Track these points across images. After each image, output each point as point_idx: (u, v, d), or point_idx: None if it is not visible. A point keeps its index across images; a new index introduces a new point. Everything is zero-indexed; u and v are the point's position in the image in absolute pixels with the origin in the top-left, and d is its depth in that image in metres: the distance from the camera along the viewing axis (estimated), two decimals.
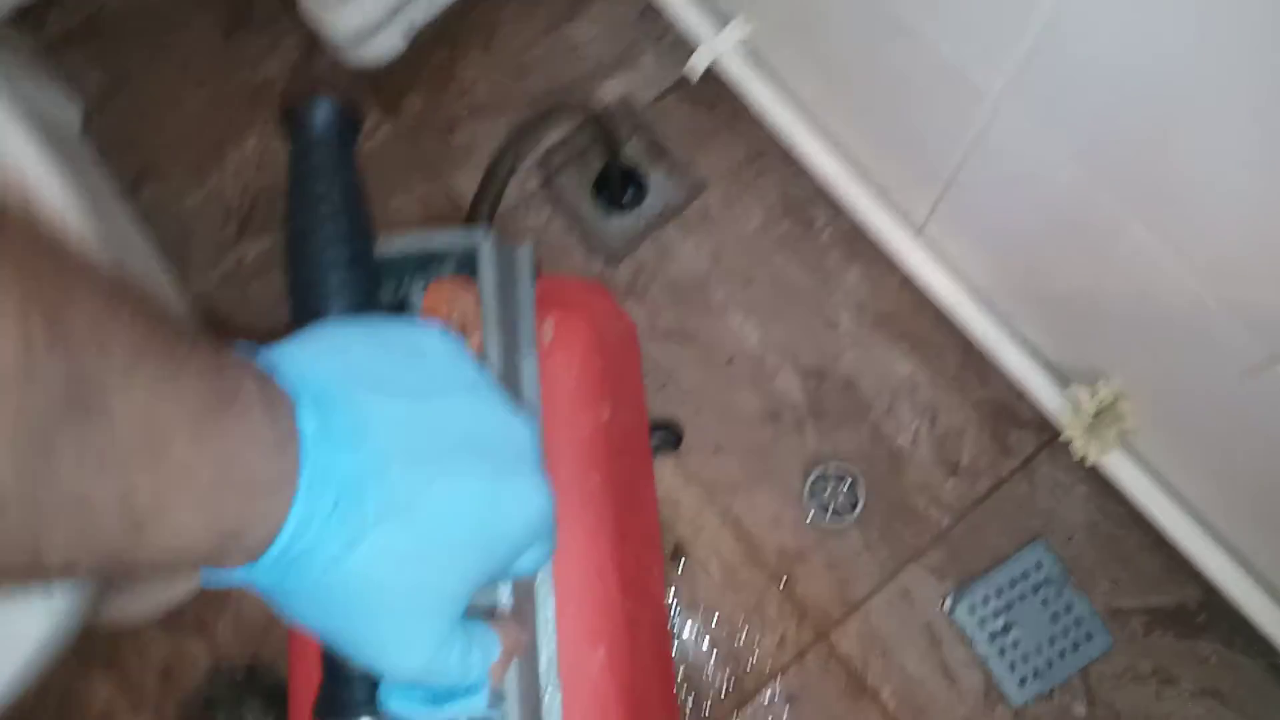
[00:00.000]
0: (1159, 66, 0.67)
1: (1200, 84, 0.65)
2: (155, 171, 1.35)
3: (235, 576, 0.32)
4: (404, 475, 0.33)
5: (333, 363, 0.34)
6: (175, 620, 1.22)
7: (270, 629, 1.22)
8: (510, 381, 0.63)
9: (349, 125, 0.45)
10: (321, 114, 0.45)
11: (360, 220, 0.45)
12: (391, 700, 0.38)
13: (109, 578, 0.28)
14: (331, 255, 0.43)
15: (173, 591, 1.20)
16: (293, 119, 0.45)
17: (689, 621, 1.19)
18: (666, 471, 1.22)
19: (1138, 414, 1.00)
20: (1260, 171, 0.66)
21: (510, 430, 0.39)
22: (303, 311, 0.43)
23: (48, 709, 1.21)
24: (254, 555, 0.30)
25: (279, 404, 0.31)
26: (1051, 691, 1.13)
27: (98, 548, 0.26)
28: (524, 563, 0.40)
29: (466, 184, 1.31)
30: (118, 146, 1.34)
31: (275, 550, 0.30)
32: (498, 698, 0.40)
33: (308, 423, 0.31)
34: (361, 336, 0.36)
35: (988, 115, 0.83)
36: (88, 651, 1.22)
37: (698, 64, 1.17)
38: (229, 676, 1.21)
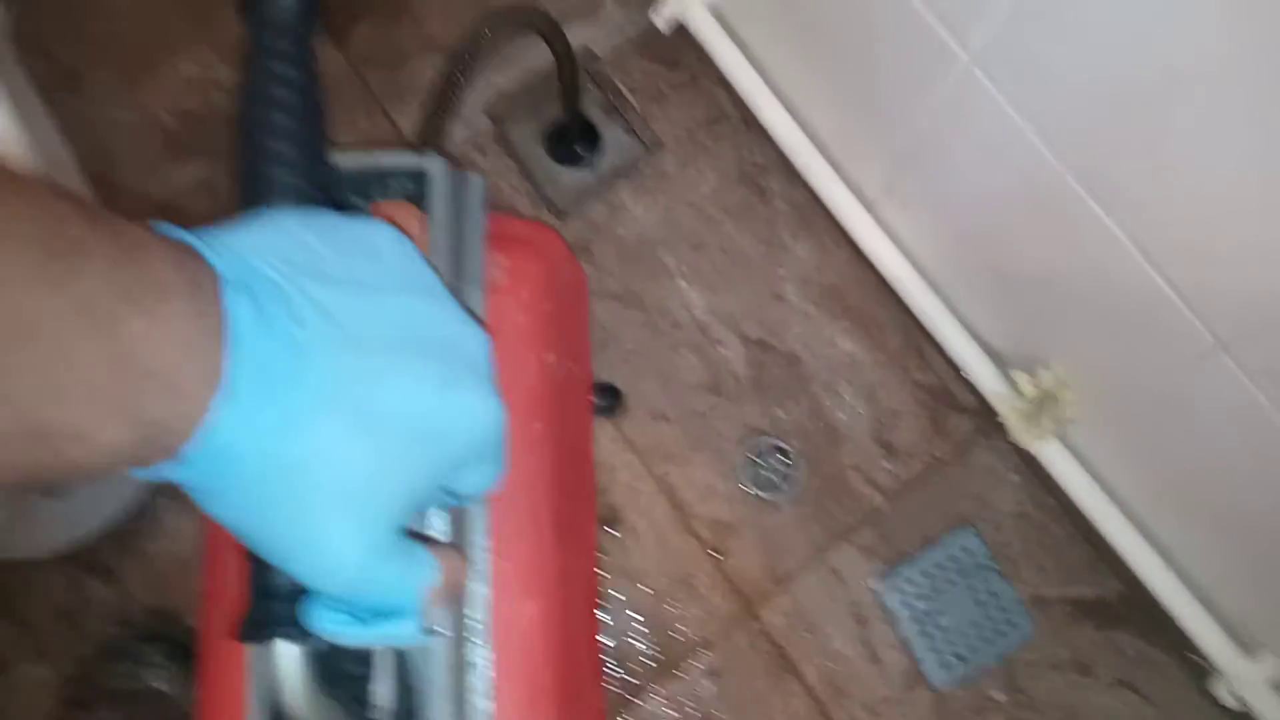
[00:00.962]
0: (1138, 47, 0.66)
1: (1177, 69, 0.65)
2: (79, 80, 1.27)
3: (163, 472, 0.29)
4: (346, 366, 0.30)
5: (273, 247, 0.31)
6: (79, 563, 1.15)
7: (180, 577, 1.17)
8: None
9: (310, 10, 0.42)
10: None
11: (316, 115, 0.42)
12: (316, 615, 0.35)
13: (32, 489, 0.25)
14: (284, 148, 0.40)
15: (76, 530, 1.14)
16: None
17: (617, 588, 1.16)
18: (604, 435, 1.19)
19: (1077, 403, 1.00)
20: (1227, 158, 0.65)
21: (465, 338, 0.36)
22: (247, 205, 0.39)
23: None
24: (172, 453, 0.28)
25: (204, 289, 0.28)
26: (972, 676, 1.14)
27: (13, 468, 0.24)
28: (470, 481, 0.38)
29: (411, 120, 1.26)
30: (44, 53, 1.26)
31: (200, 445, 0.28)
32: (429, 627, 0.37)
33: (240, 308, 0.28)
34: (309, 226, 0.33)
35: (959, 80, 0.82)
36: None
37: (665, 13, 1.14)
38: (134, 625, 1.16)
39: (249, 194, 0.40)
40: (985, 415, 1.19)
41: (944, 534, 1.18)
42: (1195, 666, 1.07)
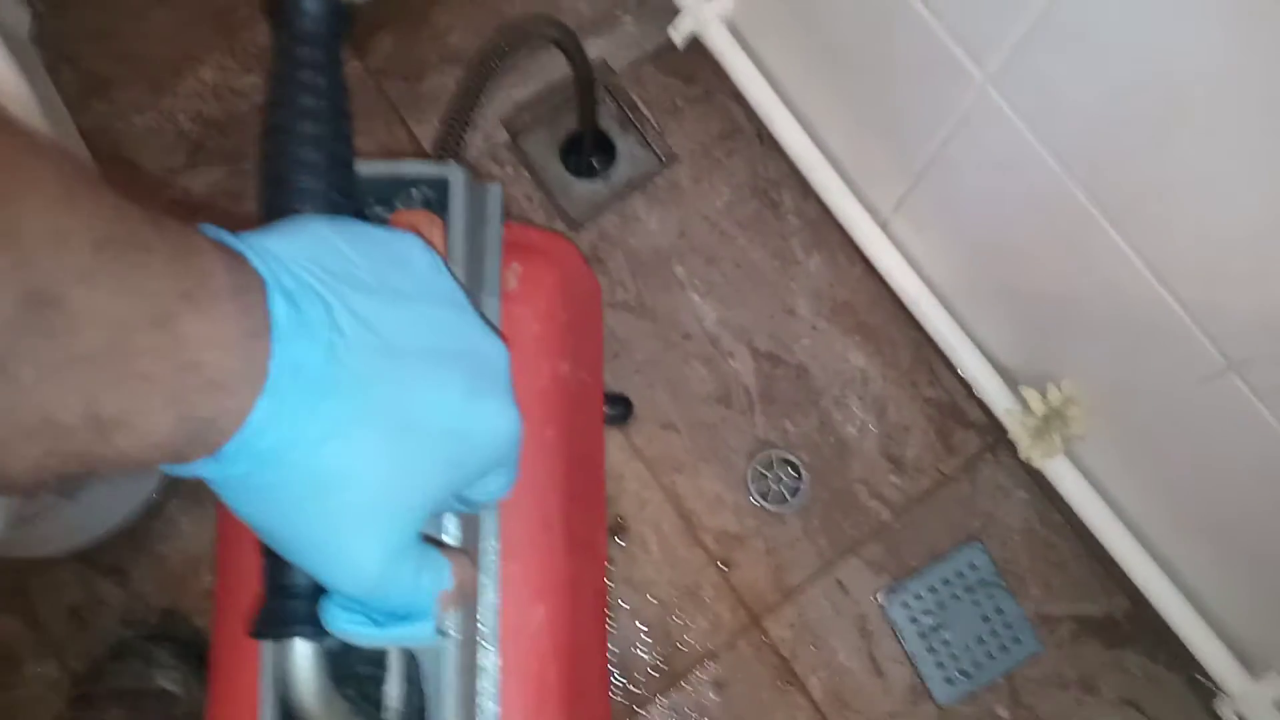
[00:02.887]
0: (1152, 67, 0.67)
1: (1191, 91, 0.65)
2: (105, 87, 1.29)
3: (194, 468, 0.30)
4: (379, 374, 0.31)
5: (311, 254, 0.32)
6: (91, 562, 1.17)
7: (190, 578, 1.18)
8: None
9: (339, 19, 0.43)
10: (311, 4, 0.42)
11: (342, 122, 0.42)
12: (333, 617, 0.36)
13: (58, 484, 0.26)
14: (309, 155, 0.41)
15: (88, 530, 1.15)
16: (280, 7, 0.43)
17: (624, 597, 1.17)
18: (613, 445, 1.20)
19: (1086, 420, 1.01)
20: (1238, 180, 0.66)
21: (486, 349, 0.37)
22: (273, 211, 0.40)
23: None
24: (214, 450, 0.29)
25: (250, 292, 0.29)
26: (977, 692, 1.14)
27: (63, 457, 0.25)
28: (484, 488, 0.39)
29: (430, 132, 1.27)
30: (67, 58, 1.28)
31: (238, 444, 0.29)
32: (442, 629, 0.38)
33: (280, 313, 0.29)
34: (341, 234, 0.34)
35: (972, 101, 0.82)
36: None
37: (681, 28, 1.15)
38: (143, 624, 1.16)
39: (277, 200, 0.41)
40: (994, 431, 1.20)
41: (951, 549, 1.18)
42: (1201, 687, 1.07)
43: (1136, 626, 1.15)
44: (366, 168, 0.62)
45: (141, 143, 1.27)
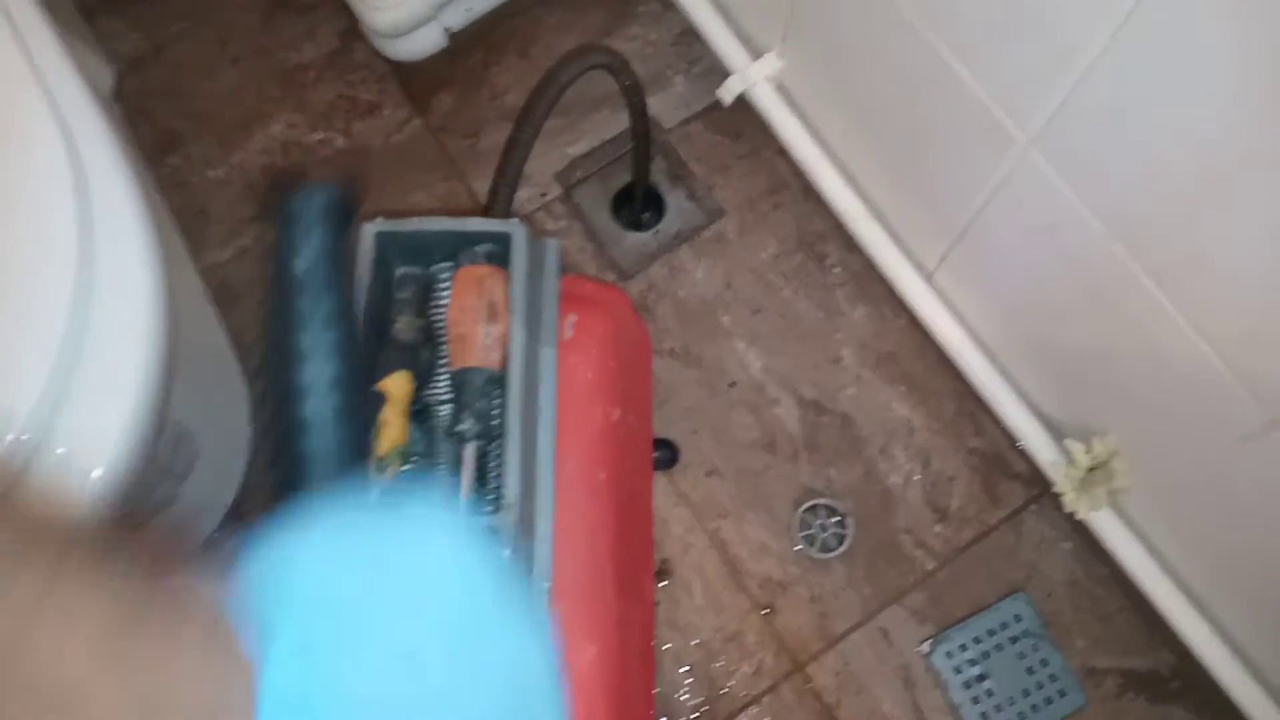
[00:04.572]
0: (1194, 128, 0.69)
1: (1234, 151, 0.67)
2: (179, 142, 1.36)
3: None
4: None
5: (305, 599, 0.32)
6: None
7: None
8: (529, 370, 0.64)
9: (343, 214, 0.44)
10: (314, 202, 0.43)
11: (350, 343, 0.42)
12: None
13: None
14: (319, 408, 0.41)
15: None
16: (282, 202, 0.43)
17: (667, 642, 1.18)
18: (659, 489, 1.22)
19: (1131, 473, 1.01)
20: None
21: (528, 665, 0.36)
22: (288, 479, 0.41)
23: None
24: None
25: (245, 673, 0.30)
26: None
27: None
28: None
29: (487, 188, 1.32)
30: (145, 114, 1.35)
31: None
32: None
33: (272, 674, 0.30)
34: (347, 556, 0.34)
35: (1013, 163, 0.85)
36: None
37: (730, 88, 1.19)
38: None
39: (289, 475, 0.41)
40: (1038, 483, 1.20)
41: (995, 600, 1.18)
42: None
43: (1183, 682, 1.15)
44: (433, 224, 0.66)
45: (212, 195, 1.34)
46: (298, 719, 0.30)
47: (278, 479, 0.39)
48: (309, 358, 0.40)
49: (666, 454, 1.22)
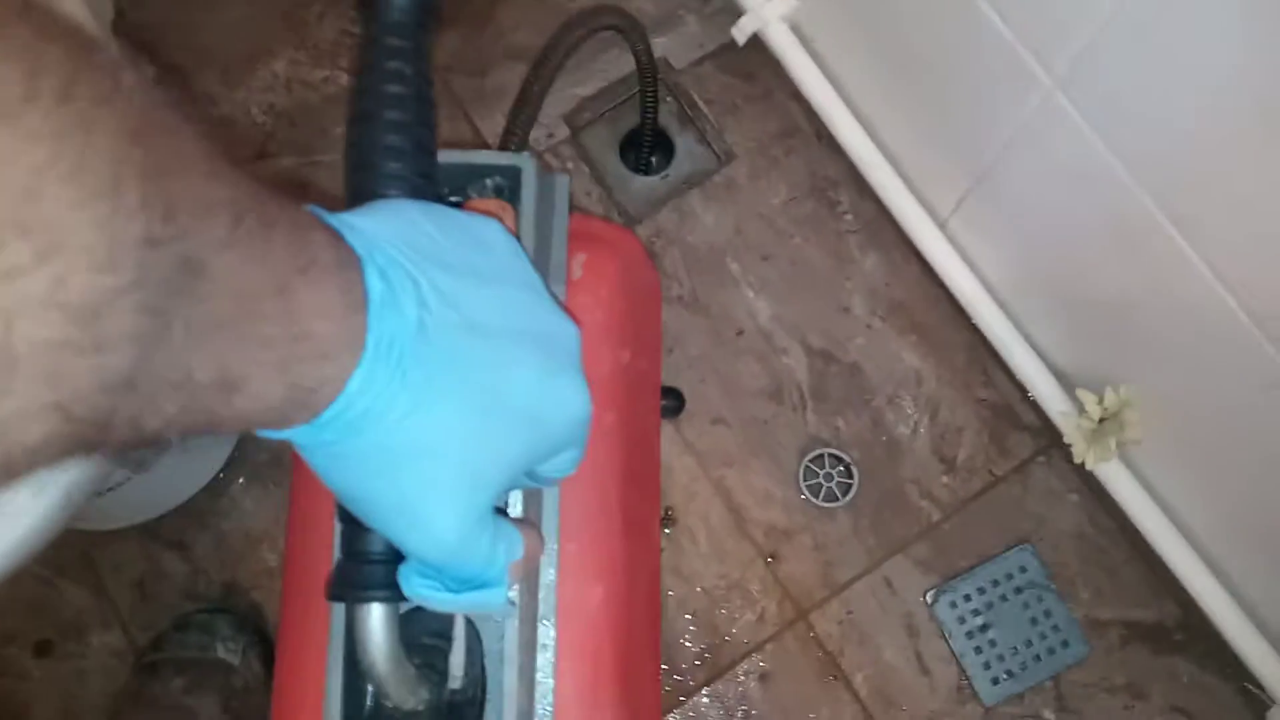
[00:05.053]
0: (1223, 71, 0.67)
1: (1265, 94, 0.65)
2: (179, 77, 1.33)
3: (289, 433, 0.31)
4: (463, 351, 0.33)
5: (399, 235, 0.33)
6: (153, 535, 1.21)
7: (249, 554, 1.21)
8: None
9: (427, 9, 0.45)
10: None
11: (427, 110, 0.44)
12: (410, 582, 0.38)
13: (182, 439, 0.28)
14: (395, 141, 0.43)
15: (156, 505, 1.19)
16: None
17: (671, 589, 1.18)
18: (664, 438, 1.21)
19: (1142, 425, 1.00)
20: None
21: (562, 331, 0.39)
22: (360, 195, 0.42)
23: (15, 614, 1.20)
24: (315, 415, 0.30)
25: (349, 269, 0.30)
26: (1023, 694, 1.14)
27: (193, 415, 0.26)
28: (554, 465, 0.40)
29: (494, 127, 1.30)
30: (146, 47, 1.32)
31: (333, 412, 0.30)
32: (512, 600, 0.39)
33: (375, 289, 0.31)
34: (428, 217, 0.36)
35: (1037, 106, 0.83)
36: (61, 560, 1.21)
37: (744, 28, 1.16)
38: (203, 597, 1.20)
39: (364, 184, 0.43)
40: (1047, 434, 1.19)
41: (1000, 551, 1.18)
42: (1253, 697, 1.06)
43: (1188, 634, 1.15)
44: (441, 157, 0.64)
45: (215, 133, 1.31)
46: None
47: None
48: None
49: (673, 402, 1.21)
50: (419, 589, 0.38)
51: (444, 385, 0.32)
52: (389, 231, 0.33)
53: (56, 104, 0.21)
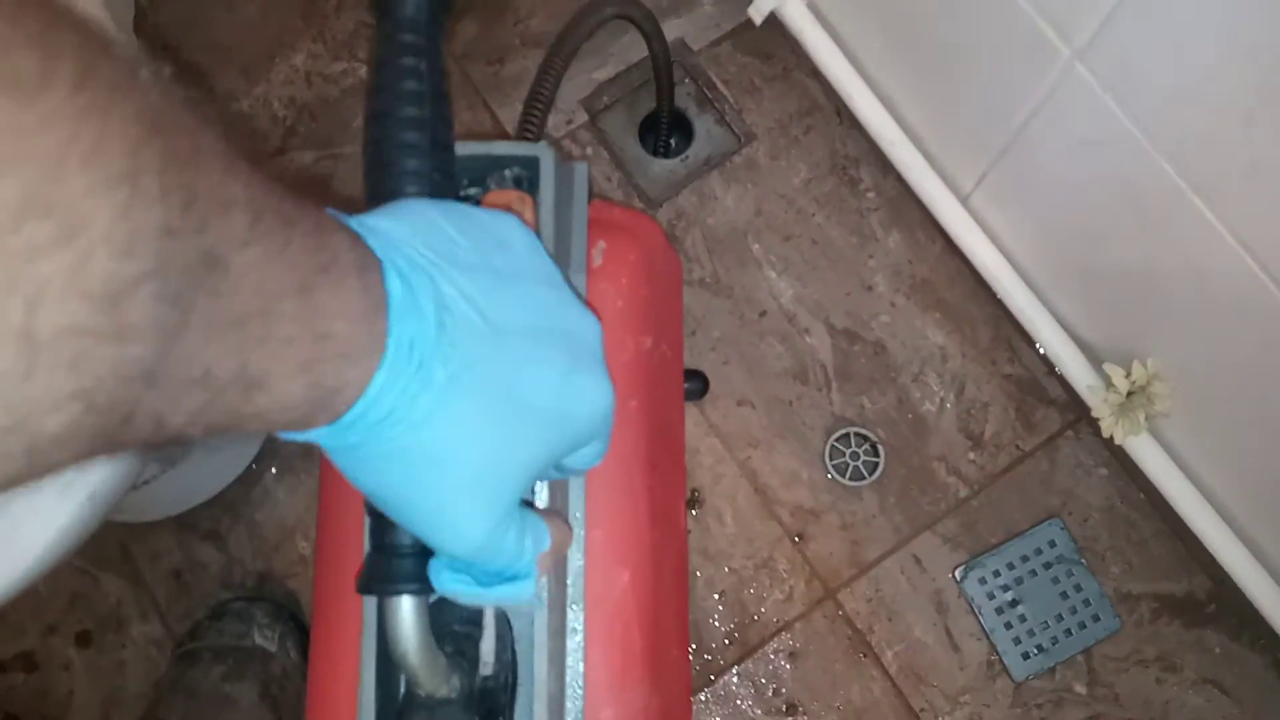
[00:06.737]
0: (1244, 38, 0.66)
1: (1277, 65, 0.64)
2: (200, 75, 1.34)
3: (311, 435, 0.32)
4: (485, 351, 0.33)
5: (418, 236, 0.34)
6: (189, 527, 1.23)
7: (283, 544, 1.23)
8: None
9: (440, 5, 0.45)
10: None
11: (443, 106, 0.44)
12: (440, 577, 0.38)
13: (204, 440, 0.28)
14: (412, 138, 0.43)
15: (190, 497, 1.21)
16: None
17: (699, 570, 1.19)
18: (689, 420, 1.22)
19: (1171, 397, 1.00)
20: None
21: (583, 326, 0.39)
22: (379, 194, 0.42)
23: (56, 606, 1.22)
24: (336, 417, 0.30)
25: (370, 270, 0.31)
26: (1054, 668, 1.14)
27: (214, 412, 0.26)
28: (579, 458, 0.40)
29: (512, 115, 1.30)
30: (167, 47, 1.33)
31: (356, 413, 0.30)
32: (540, 592, 0.40)
33: (396, 291, 0.31)
34: (447, 216, 0.36)
35: (1058, 77, 0.82)
36: (99, 552, 1.23)
37: (761, 7, 1.16)
38: (239, 585, 1.22)
39: (383, 183, 0.43)
40: (1074, 409, 1.19)
41: (1029, 527, 1.18)
42: None
43: (1219, 606, 1.14)
44: (459, 148, 0.65)
45: (236, 128, 1.32)
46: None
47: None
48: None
49: (697, 385, 1.21)
50: (449, 584, 0.38)
51: (466, 386, 0.32)
52: (408, 233, 0.33)
53: (73, 90, 0.20)
